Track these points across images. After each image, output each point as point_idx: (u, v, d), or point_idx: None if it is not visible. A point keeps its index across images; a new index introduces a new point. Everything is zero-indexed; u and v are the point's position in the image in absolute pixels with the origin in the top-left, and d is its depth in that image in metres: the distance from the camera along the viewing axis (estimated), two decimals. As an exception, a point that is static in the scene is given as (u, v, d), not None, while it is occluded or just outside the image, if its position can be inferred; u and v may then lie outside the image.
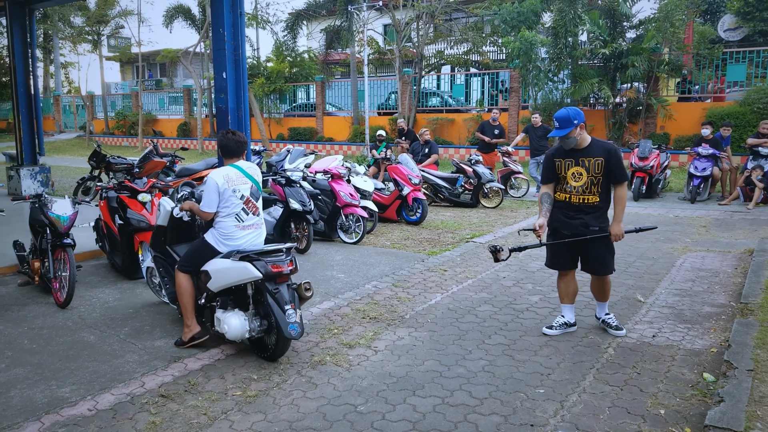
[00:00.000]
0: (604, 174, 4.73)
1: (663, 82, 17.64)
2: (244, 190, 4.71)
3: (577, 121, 4.69)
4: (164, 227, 5.31)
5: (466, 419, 3.71)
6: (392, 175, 10.31)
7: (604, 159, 4.71)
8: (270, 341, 4.54)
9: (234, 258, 4.51)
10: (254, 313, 4.57)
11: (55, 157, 23.53)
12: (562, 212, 4.88)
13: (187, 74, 32.18)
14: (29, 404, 3.93)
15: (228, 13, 8.18)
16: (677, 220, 10.14)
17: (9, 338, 5.06)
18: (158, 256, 5.44)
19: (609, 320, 5.10)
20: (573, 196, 4.81)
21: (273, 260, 4.44)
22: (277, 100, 25.82)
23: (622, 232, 4.83)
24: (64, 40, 35.79)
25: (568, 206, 4.85)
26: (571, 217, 4.84)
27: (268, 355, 4.54)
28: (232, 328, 4.45)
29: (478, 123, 17.10)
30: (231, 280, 4.54)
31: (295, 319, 4.35)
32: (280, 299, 4.39)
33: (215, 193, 4.61)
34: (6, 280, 6.76)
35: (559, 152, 4.87)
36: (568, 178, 4.81)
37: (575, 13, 16.77)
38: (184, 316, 4.83)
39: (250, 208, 4.75)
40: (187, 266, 4.80)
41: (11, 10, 12.23)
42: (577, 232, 4.82)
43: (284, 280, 4.50)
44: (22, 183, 12.52)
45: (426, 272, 7.06)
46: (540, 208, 4.90)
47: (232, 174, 4.68)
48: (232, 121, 8.58)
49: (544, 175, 4.99)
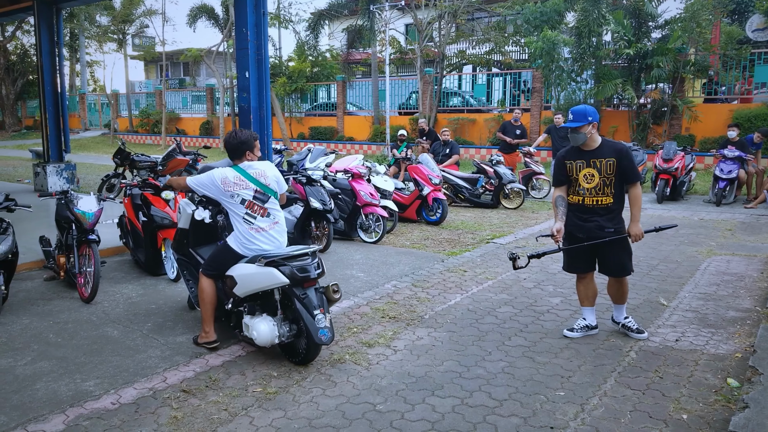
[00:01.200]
0: (616, 174, 4.69)
1: (689, 83, 17.39)
2: (245, 194, 4.56)
3: (592, 118, 4.67)
4: (186, 230, 5.23)
5: (485, 420, 3.69)
6: (412, 175, 10.30)
7: (615, 159, 4.68)
8: (300, 346, 4.45)
9: (259, 263, 4.40)
10: (283, 318, 4.49)
11: (80, 154, 23.89)
12: (575, 215, 4.83)
13: (210, 73, 32.49)
14: (54, 397, 4.00)
15: (251, 13, 8.24)
16: (702, 223, 10.00)
17: (35, 332, 5.15)
18: (182, 258, 5.37)
19: (629, 324, 5.05)
20: (586, 198, 4.77)
21: (299, 264, 4.35)
22: (299, 99, 25.94)
23: (641, 232, 4.79)
24: (90, 39, 36.30)
25: (582, 209, 4.80)
26: (585, 220, 4.80)
27: (299, 360, 4.46)
28: (262, 334, 4.37)
29: (499, 123, 17.03)
30: (257, 286, 4.45)
31: (325, 324, 4.28)
32: (308, 304, 4.32)
33: (209, 182, 4.56)
34: (32, 275, 6.88)
35: (570, 154, 4.85)
36: (580, 179, 4.77)
37: (599, 12, 16.60)
38: (203, 322, 4.78)
39: (256, 210, 4.59)
40: (211, 270, 4.73)
41: (39, 9, 12.45)
42: (593, 235, 4.77)
43: (312, 284, 4.40)
44: (48, 180, 12.74)
45: (446, 272, 7.05)
46: (555, 212, 4.87)
47: (230, 177, 4.56)
48: (254, 120, 8.65)
49: (555, 177, 4.96)
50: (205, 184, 4.60)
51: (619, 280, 4.97)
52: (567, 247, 4.89)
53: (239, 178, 4.57)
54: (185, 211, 5.17)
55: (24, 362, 4.54)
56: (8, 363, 4.52)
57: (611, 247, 4.79)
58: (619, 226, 4.80)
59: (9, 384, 4.18)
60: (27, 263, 7.02)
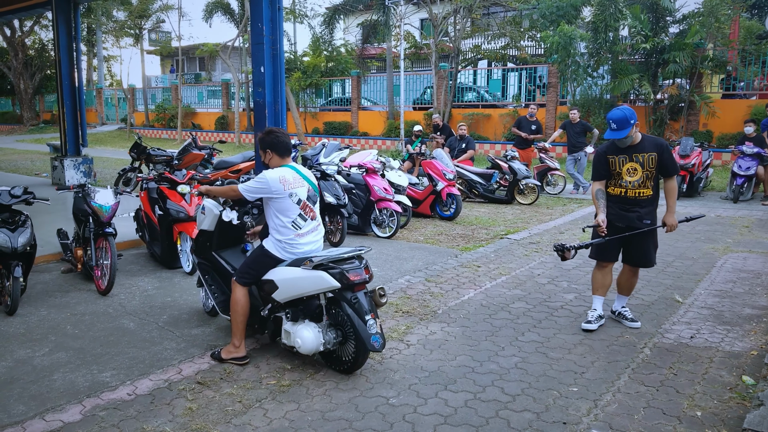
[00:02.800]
0: (657, 168, 4.87)
1: (706, 78, 17.18)
2: (301, 193, 4.36)
3: (633, 120, 4.77)
4: (210, 232, 4.96)
5: (497, 415, 3.70)
6: (426, 170, 10.29)
7: (657, 154, 4.84)
8: (345, 353, 4.23)
9: (306, 266, 4.16)
10: (328, 323, 4.26)
11: (97, 148, 24.12)
12: (618, 206, 4.98)
13: (226, 68, 32.63)
14: (71, 387, 4.06)
15: (267, 8, 8.26)
16: (719, 219, 9.90)
17: (52, 323, 5.23)
18: (203, 262, 5.10)
19: (626, 312, 5.26)
20: (629, 190, 4.92)
21: (349, 267, 4.13)
22: (313, 94, 25.97)
23: (676, 222, 5.03)
24: (107, 34, 36.60)
25: (624, 200, 4.95)
26: (627, 210, 4.94)
27: (345, 368, 4.23)
28: (306, 341, 4.14)
29: (514, 118, 16.93)
30: (303, 291, 4.20)
31: (376, 330, 4.07)
32: (359, 309, 4.08)
33: (264, 187, 4.27)
34: (50, 267, 6.98)
35: (611, 149, 4.97)
36: (623, 173, 4.92)
37: (616, 7, 16.44)
38: (233, 334, 4.45)
39: (308, 212, 4.40)
40: (247, 278, 4.43)
41: (57, 4, 12.57)
42: (633, 225, 4.93)
43: (362, 288, 4.17)
44: (65, 173, 12.88)
45: (459, 268, 7.05)
46: (597, 205, 4.99)
47: (288, 176, 4.34)
48: (269, 115, 8.67)
49: (597, 172, 5.05)
50: (260, 188, 4.29)
51: (636, 271, 5.19)
52: (610, 237, 4.97)
53: (296, 177, 4.38)
54: (212, 212, 4.90)
55: (42, 353, 4.61)
56: (26, 354, 4.60)
57: (644, 238, 4.98)
58: (653, 219, 4.99)
59: (27, 374, 4.25)
60: (45, 256, 7.12)
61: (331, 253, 4.21)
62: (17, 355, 4.57)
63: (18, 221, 5.58)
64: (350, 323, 4.09)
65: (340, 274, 4.07)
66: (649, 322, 5.24)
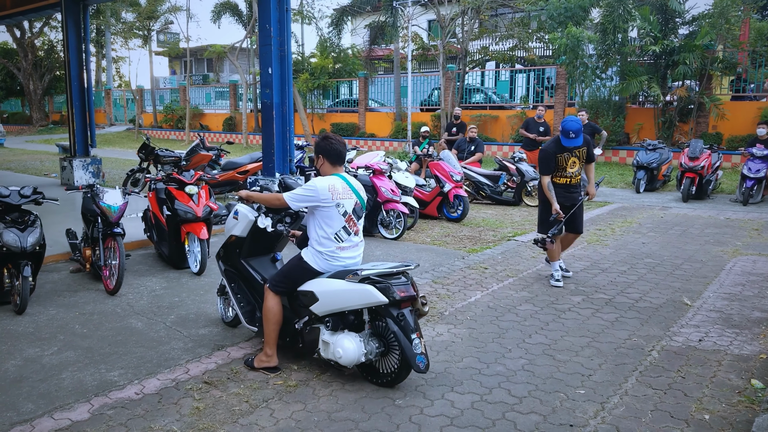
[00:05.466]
0: (585, 158, 6.40)
1: (716, 80, 17.08)
2: (348, 205, 4.19)
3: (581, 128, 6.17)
4: (241, 238, 4.74)
5: (504, 417, 3.69)
6: (434, 172, 10.28)
7: (585, 148, 6.33)
8: (385, 367, 4.09)
9: (350, 279, 4.00)
10: (370, 333, 4.09)
11: (105, 149, 24.25)
12: (564, 191, 6.41)
13: (234, 69, 32.73)
14: (80, 386, 4.08)
15: (275, 9, 8.29)
16: (728, 222, 9.84)
17: (61, 323, 5.26)
18: (230, 270, 4.90)
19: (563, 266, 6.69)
20: (572, 178, 6.40)
21: (397, 282, 3.95)
22: (321, 95, 26.01)
23: (595, 191, 6.80)
24: (116, 35, 36.74)
25: (568, 187, 6.42)
26: (571, 192, 6.44)
27: (384, 382, 4.08)
28: (348, 352, 3.96)
29: (522, 120, 16.89)
30: (347, 304, 4.03)
31: (421, 350, 3.89)
32: (406, 327, 3.90)
33: (313, 195, 4.12)
34: (59, 267, 7.02)
35: (558, 149, 6.27)
36: (567, 167, 6.34)
37: (625, 8, 16.37)
38: (266, 344, 4.34)
39: (351, 226, 4.22)
40: (282, 287, 4.31)
41: (67, 6, 12.65)
42: (575, 202, 6.43)
43: (407, 305, 3.99)
44: (74, 173, 12.97)
45: (466, 269, 7.04)
46: (550, 196, 6.29)
47: (338, 185, 4.17)
48: (276, 116, 8.70)
49: (547, 167, 6.33)
50: (309, 197, 4.14)
51: (577, 236, 6.71)
52: (567, 216, 6.33)
53: (345, 188, 4.21)
54: (246, 218, 4.66)
55: (50, 352, 4.64)
56: (35, 353, 4.63)
57: (580, 211, 6.56)
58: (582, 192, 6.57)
59: (36, 373, 4.27)
60: (54, 255, 7.16)
61: (376, 267, 4.05)
62: (26, 354, 4.59)
63: (27, 221, 5.61)
64: (396, 341, 3.94)
65: (389, 289, 3.89)
66: (657, 325, 5.22)
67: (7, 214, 5.58)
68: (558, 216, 6.21)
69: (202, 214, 6.73)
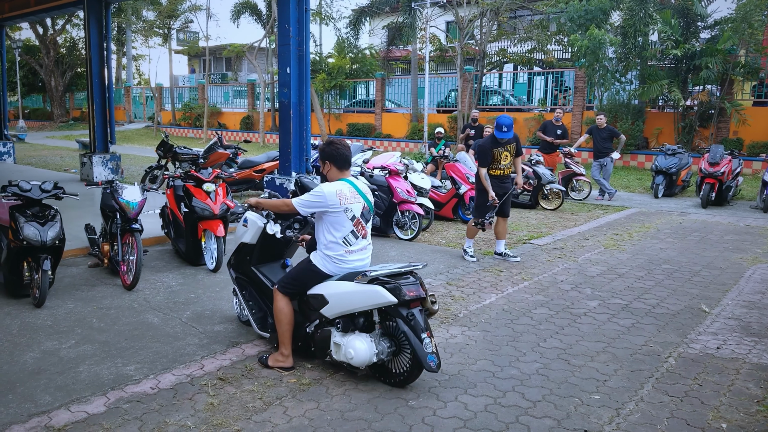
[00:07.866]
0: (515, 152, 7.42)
1: (738, 85, 16.88)
2: (356, 209, 4.21)
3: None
4: (251, 245, 4.75)
5: (518, 421, 3.67)
6: (450, 173, 10.26)
7: (515, 143, 7.34)
8: (397, 367, 4.09)
9: (359, 280, 4.01)
10: (381, 333, 4.10)
11: (124, 145, 24.50)
12: (499, 181, 7.37)
13: (252, 69, 32.91)
14: (96, 379, 4.13)
15: (294, 9, 8.33)
16: (748, 229, 9.71)
17: (79, 316, 5.31)
18: (241, 277, 4.91)
19: (507, 251, 7.65)
20: (505, 170, 7.38)
21: (406, 282, 3.95)
22: (337, 95, 26.08)
23: (522, 181, 7.96)
24: (136, 33, 37.17)
25: (501, 178, 7.39)
26: (503, 182, 7.41)
27: (396, 382, 4.08)
28: (359, 352, 3.96)
29: (539, 123, 16.82)
30: (357, 306, 4.03)
31: (432, 349, 3.89)
32: (416, 327, 3.91)
33: (321, 201, 4.14)
34: (77, 262, 7.10)
35: (493, 144, 7.21)
36: (501, 160, 7.29)
37: (646, 12, 16.24)
38: (281, 344, 4.35)
39: (360, 230, 4.25)
40: (290, 289, 4.34)
41: (89, 4, 12.80)
42: (507, 191, 7.40)
43: (417, 305, 4.00)
44: (93, 169, 13.12)
45: (481, 272, 7.01)
46: (486, 185, 7.20)
47: (346, 190, 4.19)
48: (293, 116, 8.74)
49: (485, 160, 7.23)
50: (317, 202, 4.16)
51: (506, 220, 7.64)
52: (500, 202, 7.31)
53: (353, 192, 4.23)
54: (255, 225, 4.66)
55: (68, 345, 4.69)
56: (53, 345, 4.68)
57: (509, 198, 7.54)
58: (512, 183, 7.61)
59: (54, 365, 4.33)
60: (73, 250, 7.24)
61: (384, 268, 4.06)
62: (44, 347, 4.65)
63: (48, 215, 5.68)
64: (407, 340, 3.95)
65: (398, 289, 3.89)
66: (674, 332, 5.17)
67: (28, 209, 5.65)
68: (493, 202, 7.16)
69: (219, 212, 6.77)
